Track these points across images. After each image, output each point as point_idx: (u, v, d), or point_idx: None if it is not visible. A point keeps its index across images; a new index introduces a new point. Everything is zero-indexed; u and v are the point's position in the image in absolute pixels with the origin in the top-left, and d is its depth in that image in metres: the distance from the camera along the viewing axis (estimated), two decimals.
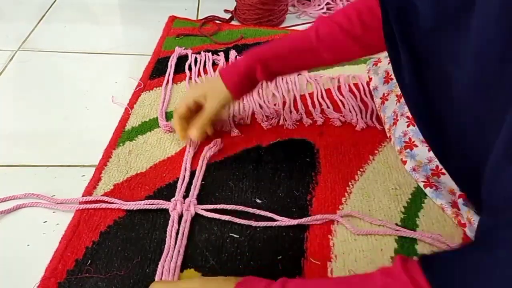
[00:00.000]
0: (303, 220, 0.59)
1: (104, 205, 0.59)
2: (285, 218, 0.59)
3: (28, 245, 0.55)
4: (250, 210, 0.60)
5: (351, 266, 0.54)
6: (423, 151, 0.69)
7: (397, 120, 0.73)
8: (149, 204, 0.60)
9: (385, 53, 0.85)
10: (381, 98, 0.79)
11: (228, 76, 0.66)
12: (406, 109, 0.72)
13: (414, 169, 0.68)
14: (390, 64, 0.82)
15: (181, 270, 0.52)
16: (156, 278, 0.51)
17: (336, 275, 0.53)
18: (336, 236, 0.58)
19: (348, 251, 0.56)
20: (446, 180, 0.65)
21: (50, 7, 1.16)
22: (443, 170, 0.66)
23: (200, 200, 0.62)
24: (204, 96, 0.67)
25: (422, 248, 0.57)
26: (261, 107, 0.82)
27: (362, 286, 0.40)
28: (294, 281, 0.43)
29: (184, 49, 0.97)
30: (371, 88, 0.85)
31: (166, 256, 0.53)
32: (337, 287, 0.41)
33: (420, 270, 0.36)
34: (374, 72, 0.85)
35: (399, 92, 0.75)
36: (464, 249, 0.40)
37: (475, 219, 0.58)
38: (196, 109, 0.68)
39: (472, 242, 0.39)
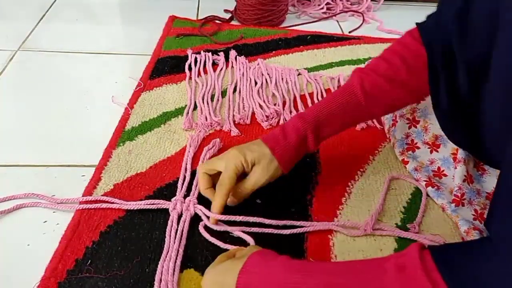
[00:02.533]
0: (295, 231, 0.57)
1: (104, 205, 0.59)
2: (281, 221, 0.58)
3: (28, 245, 0.55)
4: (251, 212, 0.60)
5: None
6: (425, 153, 0.69)
7: (396, 122, 0.73)
8: (149, 204, 0.60)
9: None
10: None
11: (280, 152, 0.58)
12: (404, 110, 0.72)
13: (416, 169, 0.68)
14: None
15: (181, 270, 0.52)
16: (156, 278, 0.50)
17: None
18: (336, 236, 0.58)
19: (348, 251, 0.56)
20: (448, 181, 0.66)
21: (50, 7, 1.16)
22: (445, 172, 0.66)
23: (201, 200, 0.62)
24: (250, 164, 0.57)
25: None
26: (261, 107, 0.82)
27: (370, 279, 0.38)
28: (297, 269, 0.43)
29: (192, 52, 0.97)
30: None
31: (166, 256, 0.53)
32: (339, 274, 0.40)
33: (436, 270, 0.35)
34: None
35: None
36: (477, 249, 0.38)
37: (461, 223, 0.59)
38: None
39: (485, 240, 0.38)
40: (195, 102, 0.82)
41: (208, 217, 0.58)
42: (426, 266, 0.36)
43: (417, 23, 0.59)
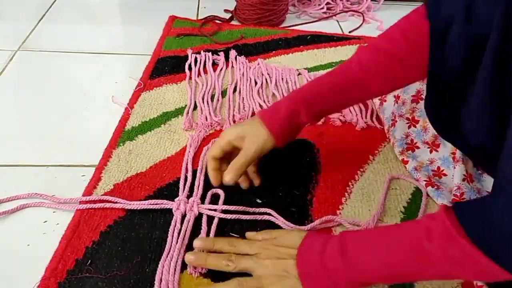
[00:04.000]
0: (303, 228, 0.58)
1: (108, 205, 0.59)
2: (288, 223, 0.59)
3: (28, 245, 0.55)
4: (250, 209, 0.60)
5: None
6: (425, 152, 0.69)
7: (396, 121, 0.73)
8: (153, 204, 0.59)
9: None
10: (379, 99, 0.79)
11: (270, 120, 0.59)
12: (404, 110, 0.72)
13: (416, 169, 0.68)
14: None
15: (181, 271, 0.52)
16: (156, 277, 0.50)
17: None
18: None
19: None
20: (447, 180, 0.66)
21: (50, 7, 1.16)
22: (445, 171, 0.66)
23: (204, 200, 0.62)
24: (242, 138, 0.59)
25: None
26: (261, 107, 0.82)
27: (409, 230, 0.43)
28: (352, 241, 0.46)
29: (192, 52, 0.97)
30: None
31: (167, 256, 0.53)
32: (390, 241, 0.44)
33: (454, 216, 0.40)
34: None
35: (396, 93, 0.75)
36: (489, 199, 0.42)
37: None
38: (231, 151, 0.61)
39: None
40: (195, 102, 0.82)
41: (210, 217, 0.58)
42: (449, 214, 0.40)
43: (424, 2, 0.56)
